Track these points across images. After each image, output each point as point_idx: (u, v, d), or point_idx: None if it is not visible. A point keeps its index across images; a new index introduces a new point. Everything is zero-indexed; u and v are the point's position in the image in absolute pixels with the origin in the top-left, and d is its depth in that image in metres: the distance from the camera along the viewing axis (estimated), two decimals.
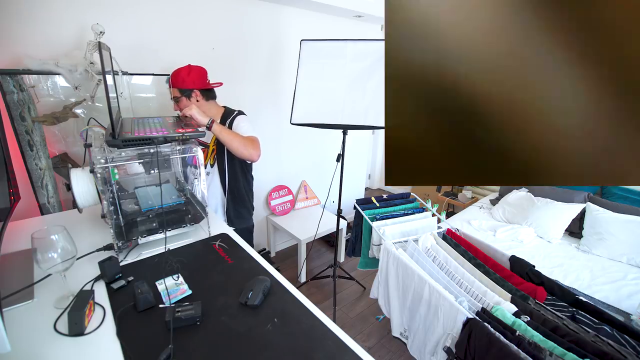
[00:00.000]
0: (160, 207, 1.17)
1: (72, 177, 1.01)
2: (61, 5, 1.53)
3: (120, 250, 1.06)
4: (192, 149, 1.17)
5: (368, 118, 1.86)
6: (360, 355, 0.73)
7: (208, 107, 1.59)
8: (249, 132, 1.53)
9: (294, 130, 2.66)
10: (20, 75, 1.41)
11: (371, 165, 4.65)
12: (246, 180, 1.73)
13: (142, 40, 1.81)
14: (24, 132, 1.44)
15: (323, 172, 3.12)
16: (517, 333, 1.16)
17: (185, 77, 1.50)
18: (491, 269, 1.55)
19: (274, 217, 2.80)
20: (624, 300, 1.79)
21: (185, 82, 1.50)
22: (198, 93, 1.54)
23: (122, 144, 1.01)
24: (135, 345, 0.73)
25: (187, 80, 1.50)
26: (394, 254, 1.64)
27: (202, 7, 1.99)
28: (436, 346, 1.40)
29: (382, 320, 2.22)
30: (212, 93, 1.62)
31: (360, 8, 2.54)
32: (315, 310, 0.87)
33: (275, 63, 2.49)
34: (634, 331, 1.19)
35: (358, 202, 2.15)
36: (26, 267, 0.96)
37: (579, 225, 2.48)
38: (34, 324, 0.78)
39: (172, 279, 0.96)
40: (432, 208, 2.11)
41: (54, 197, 1.58)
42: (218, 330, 0.79)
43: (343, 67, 1.87)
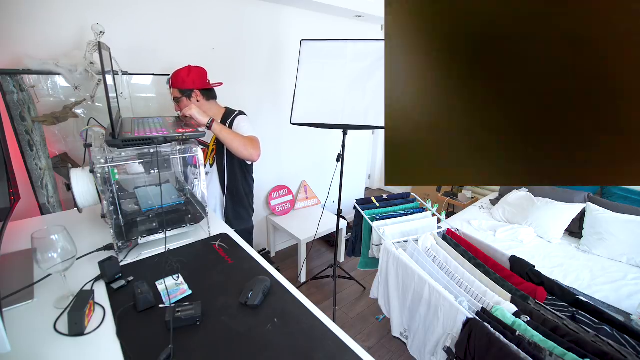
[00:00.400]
0: (160, 207, 1.17)
1: (72, 177, 1.01)
2: (61, 5, 1.53)
3: (120, 250, 1.07)
4: (192, 149, 1.17)
5: (368, 118, 1.86)
6: (360, 355, 0.73)
7: (209, 107, 1.59)
8: (249, 132, 1.53)
9: (294, 130, 2.66)
10: (20, 75, 1.41)
11: (371, 165, 4.65)
12: (246, 181, 1.73)
13: (142, 40, 1.81)
14: (24, 132, 1.44)
15: (323, 172, 3.12)
16: (517, 333, 1.16)
17: (185, 77, 1.50)
18: (491, 269, 1.55)
19: (274, 217, 2.80)
20: (624, 300, 1.79)
21: (185, 83, 1.50)
22: (198, 93, 1.54)
23: (122, 144, 1.01)
24: (135, 345, 0.73)
25: (187, 81, 1.50)
26: (394, 254, 1.64)
27: (202, 7, 1.99)
28: (436, 346, 1.40)
29: (382, 320, 2.22)
30: (212, 93, 1.62)
31: (360, 8, 2.54)
32: (315, 310, 0.87)
33: (275, 63, 2.49)
34: (634, 331, 1.19)
35: (358, 202, 2.15)
36: (26, 267, 0.96)
37: (579, 225, 2.48)
38: (34, 324, 0.78)
39: (172, 279, 0.96)
40: (432, 208, 2.11)
41: (54, 197, 1.58)
42: (218, 330, 0.79)
43: (343, 67, 1.87)
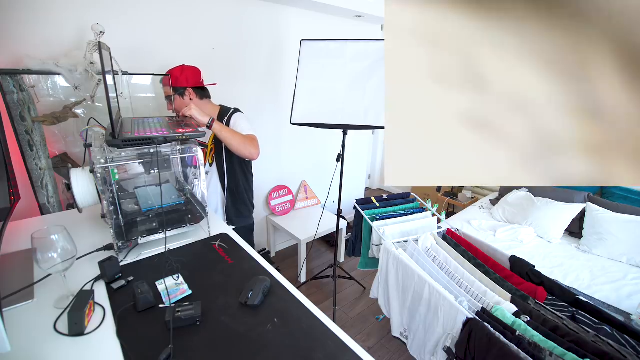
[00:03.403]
0: (160, 207, 1.17)
1: (72, 177, 1.01)
2: (61, 6, 1.53)
3: (120, 250, 1.06)
4: (192, 149, 1.17)
5: (368, 118, 1.86)
6: (360, 355, 0.73)
7: (202, 105, 1.59)
8: (247, 129, 1.54)
9: (294, 130, 2.66)
10: (20, 75, 1.40)
11: (371, 165, 4.65)
12: (245, 178, 1.73)
13: (142, 40, 1.80)
14: (24, 132, 1.44)
15: (323, 172, 3.12)
16: (517, 333, 1.16)
17: (178, 75, 1.51)
18: (491, 269, 1.55)
19: (274, 217, 2.80)
20: (624, 300, 1.79)
21: (178, 80, 1.51)
22: (191, 91, 1.55)
23: (122, 143, 1.00)
24: (135, 345, 0.73)
25: (180, 78, 1.51)
26: (394, 254, 1.64)
27: (202, 7, 1.99)
28: (436, 346, 1.40)
29: (382, 320, 2.22)
30: (206, 92, 1.63)
31: (360, 8, 2.54)
32: (315, 310, 0.87)
33: (275, 63, 2.49)
34: (634, 331, 1.19)
35: (358, 202, 2.15)
36: (26, 267, 0.96)
37: (579, 225, 2.48)
38: (34, 324, 0.78)
39: (172, 279, 0.96)
40: (432, 208, 2.11)
41: (54, 197, 1.58)
42: (218, 330, 0.79)
43: (343, 67, 1.87)
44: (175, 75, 1.50)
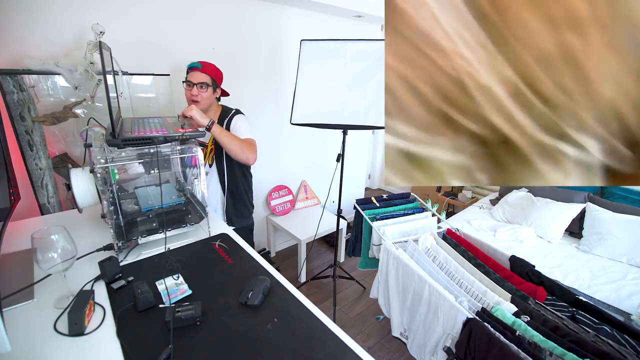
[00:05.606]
0: (160, 207, 1.17)
1: (72, 177, 1.01)
2: (61, 6, 1.53)
3: (120, 250, 1.06)
4: (192, 149, 1.17)
5: (368, 118, 1.86)
6: (360, 355, 0.73)
7: (215, 106, 1.66)
8: (246, 132, 1.55)
9: (294, 130, 2.66)
10: (20, 75, 1.40)
11: (371, 165, 4.65)
12: (245, 178, 1.74)
13: (142, 40, 1.80)
14: (24, 132, 1.44)
15: (323, 172, 3.12)
16: (517, 333, 1.16)
17: (218, 71, 1.61)
18: (491, 269, 1.55)
19: (274, 217, 2.80)
20: (624, 300, 1.79)
21: (217, 75, 1.60)
22: (219, 91, 1.63)
23: (122, 143, 1.00)
24: (135, 345, 0.73)
25: (219, 75, 1.61)
26: (394, 254, 1.64)
27: (203, 7, 1.99)
28: (436, 346, 1.40)
29: (382, 320, 2.22)
30: (220, 97, 1.71)
31: (360, 8, 2.54)
32: (315, 310, 0.87)
33: (275, 63, 2.49)
34: (634, 331, 1.19)
35: (358, 202, 2.15)
36: (26, 267, 0.96)
37: (579, 225, 2.48)
38: (34, 324, 0.78)
39: (172, 279, 0.96)
40: (432, 208, 2.11)
41: (54, 197, 1.58)
42: (218, 330, 0.79)
43: (343, 67, 1.87)
44: (216, 70, 1.60)
